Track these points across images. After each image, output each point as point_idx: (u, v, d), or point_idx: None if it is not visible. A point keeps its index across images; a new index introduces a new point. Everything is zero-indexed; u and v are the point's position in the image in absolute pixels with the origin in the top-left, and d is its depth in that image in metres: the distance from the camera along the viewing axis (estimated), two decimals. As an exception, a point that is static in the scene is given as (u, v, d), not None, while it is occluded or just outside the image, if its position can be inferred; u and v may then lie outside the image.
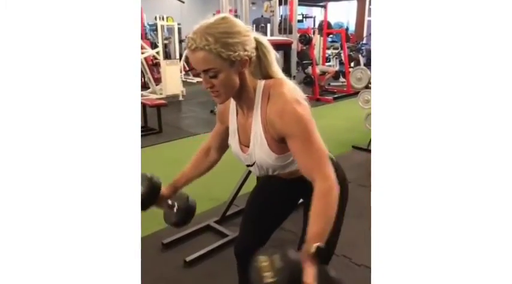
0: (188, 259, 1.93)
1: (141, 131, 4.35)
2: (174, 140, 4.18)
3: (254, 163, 1.06)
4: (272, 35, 4.06)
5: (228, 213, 2.36)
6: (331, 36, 8.73)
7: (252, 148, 1.03)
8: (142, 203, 1.09)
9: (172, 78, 6.39)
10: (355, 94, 5.68)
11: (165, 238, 2.11)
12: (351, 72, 7.09)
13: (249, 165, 1.10)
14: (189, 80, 8.17)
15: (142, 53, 6.41)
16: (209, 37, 0.84)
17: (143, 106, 4.51)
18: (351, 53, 8.07)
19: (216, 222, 2.30)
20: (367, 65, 7.41)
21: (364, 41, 9.75)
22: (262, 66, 0.98)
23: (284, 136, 0.94)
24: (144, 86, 7.01)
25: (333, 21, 9.47)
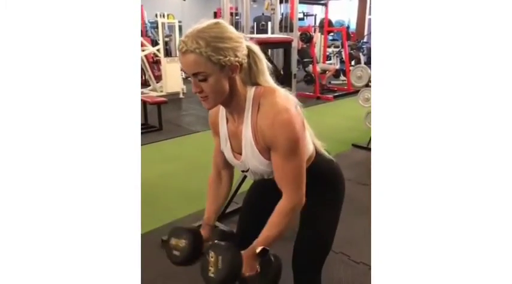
0: (188, 256, 1.94)
1: (141, 128, 4.35)
2: (174, 138, 4.18)
3: (248, 169, 1.07)
4: (273, 33, 4.05)
5: (227, 211, 2.37)
6: (332, 34, 8.71)
7: (245, 156, 1.03)
8: (190, 258, 1.05)
9: (173, 76, 6.38)
10: (355, 92, 5.67)
11: (165, 235, 2.11)
12: (351, 71, 7.08)
13: (243, 171, 1.11)
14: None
15: (143, 51, 6.40)
16: (200, 40, 0.85)
17: (144, 104, 4.51)
18: (351, 51, 8.05)
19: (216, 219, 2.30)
20: (368, 63, 7.40)
21: (365, 39, 9.73)
22: (253, 74, 0.97)
23: (270, 146, 0.95)
24: (144, 84, 7.00)
25: (334, 19, 9.45)
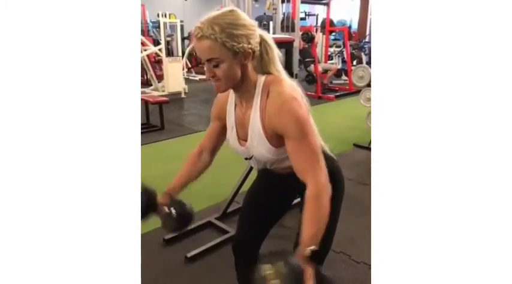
0: (189, 255, 1.95)
1: (143, 128, 4.36)
2: (176, 137, 4.19)
3: (252, 156, 1.08)
4: (274, 33, 4.05)
5: (229, 210, 2.37)
6: (334, 34, 8.70)
7: (250, 142, 1.04)
8: (141, 213, 1.09)
9: (175, 76, 6.39)
10: (357, 92, 5.66)
11: (166, 234, 2.12)
12: (353, 70, 7.07)
13: (247, 158, 1.12)
14: (191, 77, 8.17)
15: (144, 50, 6.40)
16: (215, 26, 0.87)
17: (145, 103, 4.51)
18: (353, 51, 8.04)
19: (217, 219, 2.31)
20: (370, 63, 7.38)
21: (366, 39, 9.71)
22: (264, 62, 1.00)
23: (280, 134, 0.96)
24: (146, 83, 7.01)
25: (336, 19, 9.44)
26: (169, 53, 6.44)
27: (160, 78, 6.67)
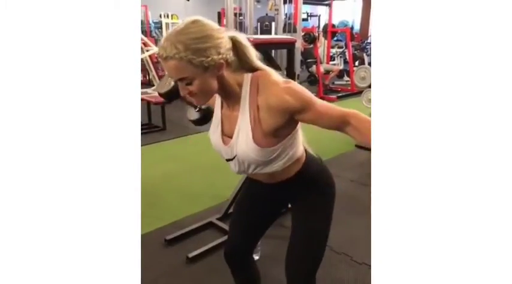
0: (190, 255, 1.95)
1: (145, 128, 4.37)
2: (177, 137, 4.20)
3: (234, 157, 1.03)
4: (276, 34, 4.06)
5: (230, 210, 2.38)
6: (336, 34, 8.70)
7: (235, 140, 1.00)
8: (170, 95, 1.15)
9: (177, 76, 6.39)
10: (359, 93, 5.66)
11: (168, 234, 2.13)
12: (355, 71, 7.08)
13: (228, 159, 1.06)
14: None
15: (147, 51, 6.41)
16: (179, 45, 0.82)
17: (147, 104, 4.52)
18: (355, 52, 8.04)
19: (218, 219, 2.31)
20: (372, 64, 7.37)
21: (368, 40, 9.71)
22: (244, 62, 0.97)
23: (292, 114, 0.94)
24: (148, 83, 7.02)
25: (338, 19, 9.43)
26: (171, 53, 6.43)
27: (162, 78, 6.67)
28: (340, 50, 8.32)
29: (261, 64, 0.99)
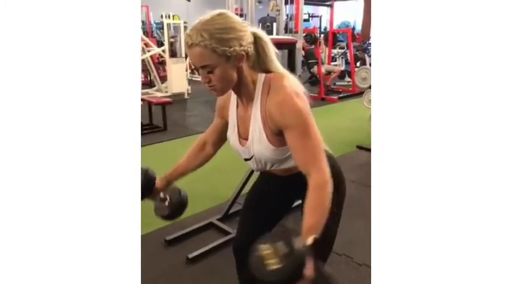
0: (191, 256, 1.95)
1: (146, 129, 4.37)
2: (178, 138, 4.20)
3: (252, 156, 1.07)
4: (278, 34, 4.06)
5: (230, 211, 2.37)
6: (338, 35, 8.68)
7: (251, 141, 1.04)
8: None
9: (178, 77, 6.41)
10: (360, 93, 5.66)
11: (168, 235, 2.12)
12: (356, 72, 7.07)
13: (247, 159, 1.11)
14: (194, 78, 8.19)
15: (148, 51, 6.43)
16: (204, 33, 0.86)
17: (148, 104, 4.52)
18: (356, 53, 8.03)
19: (218, 220, 2.31)
20: (373, 64, 7.35)
21: (370, 41, 9.70)
22: (261, 60, 0.99)
23: (282, 129, 0.96)
24: (149, 84, 7.03)
25: (340, 20, 9.43)
26: (172, 54, 6.45)
27: (163, 79, 6.69)
28: (342, 51, 8.32)
29: (278, 64, 1.01)
